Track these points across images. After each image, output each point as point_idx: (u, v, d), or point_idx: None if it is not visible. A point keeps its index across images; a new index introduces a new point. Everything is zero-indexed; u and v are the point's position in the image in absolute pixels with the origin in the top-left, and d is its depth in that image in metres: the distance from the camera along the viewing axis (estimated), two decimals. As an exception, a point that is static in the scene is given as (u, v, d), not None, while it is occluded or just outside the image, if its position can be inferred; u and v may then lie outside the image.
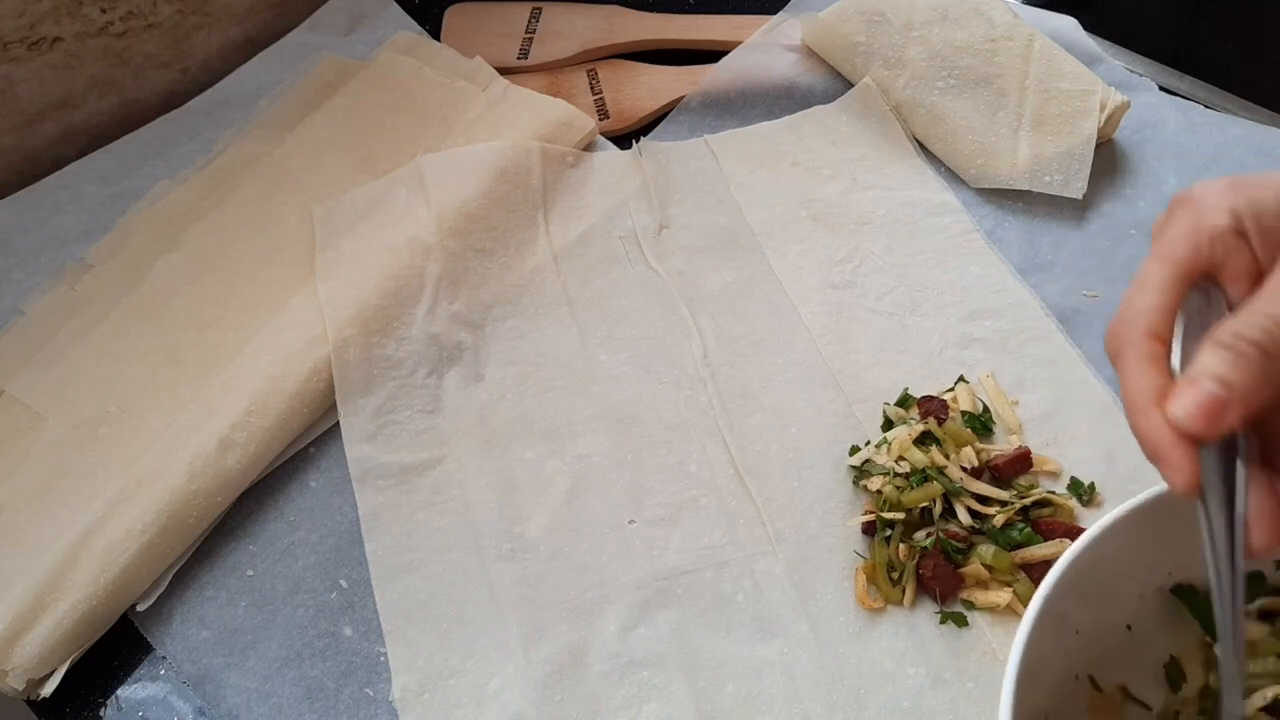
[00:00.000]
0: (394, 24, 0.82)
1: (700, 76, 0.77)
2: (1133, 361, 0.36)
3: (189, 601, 0.54)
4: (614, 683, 0.51)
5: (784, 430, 0.59)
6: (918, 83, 0.72)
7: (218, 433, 0.57)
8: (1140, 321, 0.36)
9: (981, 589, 0.52)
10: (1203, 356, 0.34)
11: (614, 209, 0.70)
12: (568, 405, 0.61)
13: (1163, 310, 0.36)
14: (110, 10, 0.72)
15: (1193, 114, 0.73)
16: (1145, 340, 0.36)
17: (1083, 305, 0.64)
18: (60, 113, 0.73)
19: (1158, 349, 0.36)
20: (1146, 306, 0.36)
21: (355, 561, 0.55)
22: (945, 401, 0.58)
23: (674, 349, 0.63)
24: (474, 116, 0.74)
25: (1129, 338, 0.36)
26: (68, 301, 0.66)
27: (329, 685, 0.51)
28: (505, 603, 0.53)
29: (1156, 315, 0.36)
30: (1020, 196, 0.69)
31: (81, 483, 0.57)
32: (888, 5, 0.75)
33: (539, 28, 0.82)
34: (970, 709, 0.49)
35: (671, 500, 0.57)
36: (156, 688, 0.52)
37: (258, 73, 0.79)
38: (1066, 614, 0.40)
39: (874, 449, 0.56)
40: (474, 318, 0.64)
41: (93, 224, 0.70)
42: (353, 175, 0.71)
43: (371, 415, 0.60)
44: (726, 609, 0.53)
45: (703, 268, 0.67)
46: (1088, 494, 0.55)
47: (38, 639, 0.51)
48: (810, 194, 0.70)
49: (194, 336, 0.63)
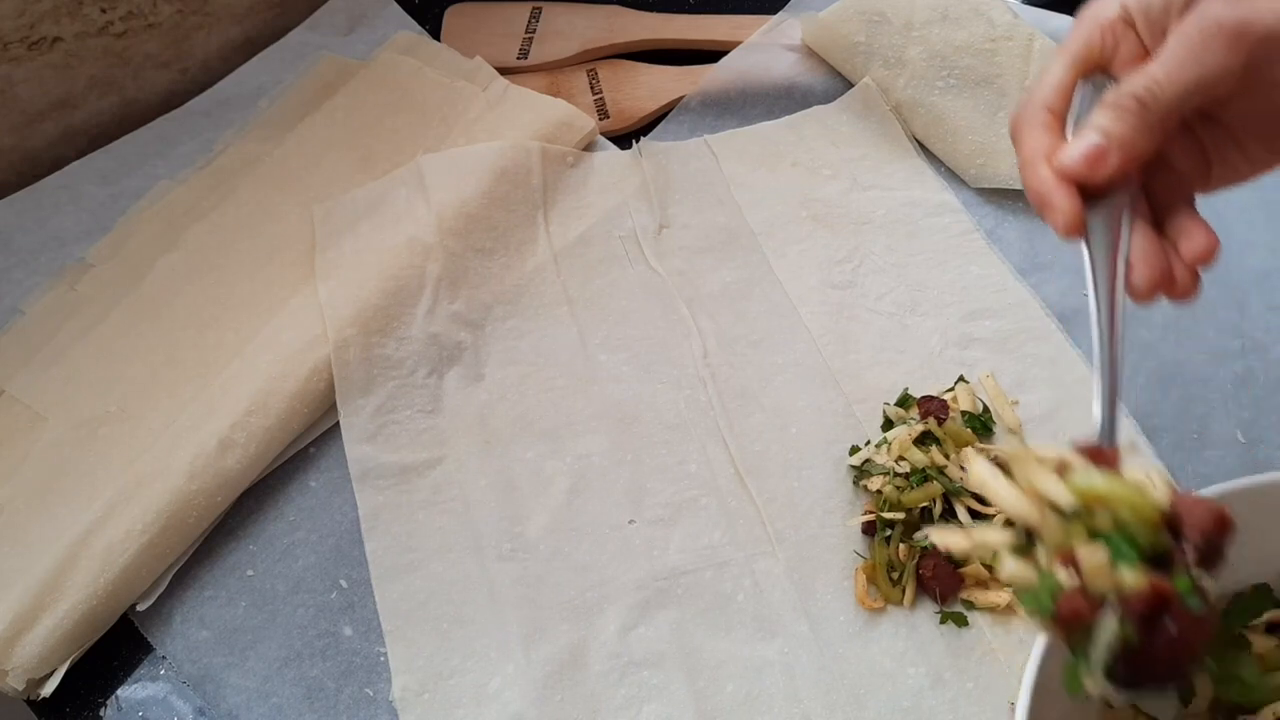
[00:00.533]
0: (394, 24, 0.82)
1: (700, 76, 0.77)
2: (1027, 130, 0.40)
3: (189, 601, 0.54)
4: (614, 683, 0.51)
5: (784, 430, 0.59)
6: (918, 83, 0.72)
7: (218, 433, 0.57)
8: (1037, 100, 0.40)
9: (981, 589, 0.52)
10: (1089, 116, 0.39)
11: (614, 209, 0.70)
12: (568, 405, 0.61)
13: (1057, 89, 0.41)
14: (110, 10, 0.72)
15: (1193, 114, 0.73)
16: (1041, 111, 0.40)
17: (1083, 305, 0.63)
18: (60, 113, 0.73)
19: (1050, 119, 0.40)
20: (1044, 86, 0.41)
21: (355, 561, 0.55)
22: (945, 401, 0.58)
23: (674, 349, 0.63)
24: (474, 116, 0.74)
25: (1026, 115, 0.40)
26: (68, 301, 0.66)
27: (329, 685, 0.51)
28: (505, 603, 0.53)
29: (1051, 92, 0.40)
30: (1020, 196, 0.69)
31: (81, 483, 0.57)
32: (888, 5, 0.75)
33: (539, 28, 0.82)
34: (970, 709, 0.49)
35: (671, 500, 0.57)
36: (156, 688, 0.52)
37: (258, 73, 0.79)
38: None
39: (874, 449, 0.56)
40: (474, 318, 0.64)
41: (93, 224, 0.70)
42: (353, 175, 0.71)
43: (371, 415, 0.60)
44: (726, 609, 0.53)
45: (703, 268, 0.67)
46: (1088, 494, 0.55)
47: (38, 639, 0.51)
48: (810, 194, 0.70)
49: (194, 336, 0.63)
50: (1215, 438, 0.58)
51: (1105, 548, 0.32)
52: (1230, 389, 0.60)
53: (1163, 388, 0.60)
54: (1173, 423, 0.58)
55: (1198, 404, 0.59)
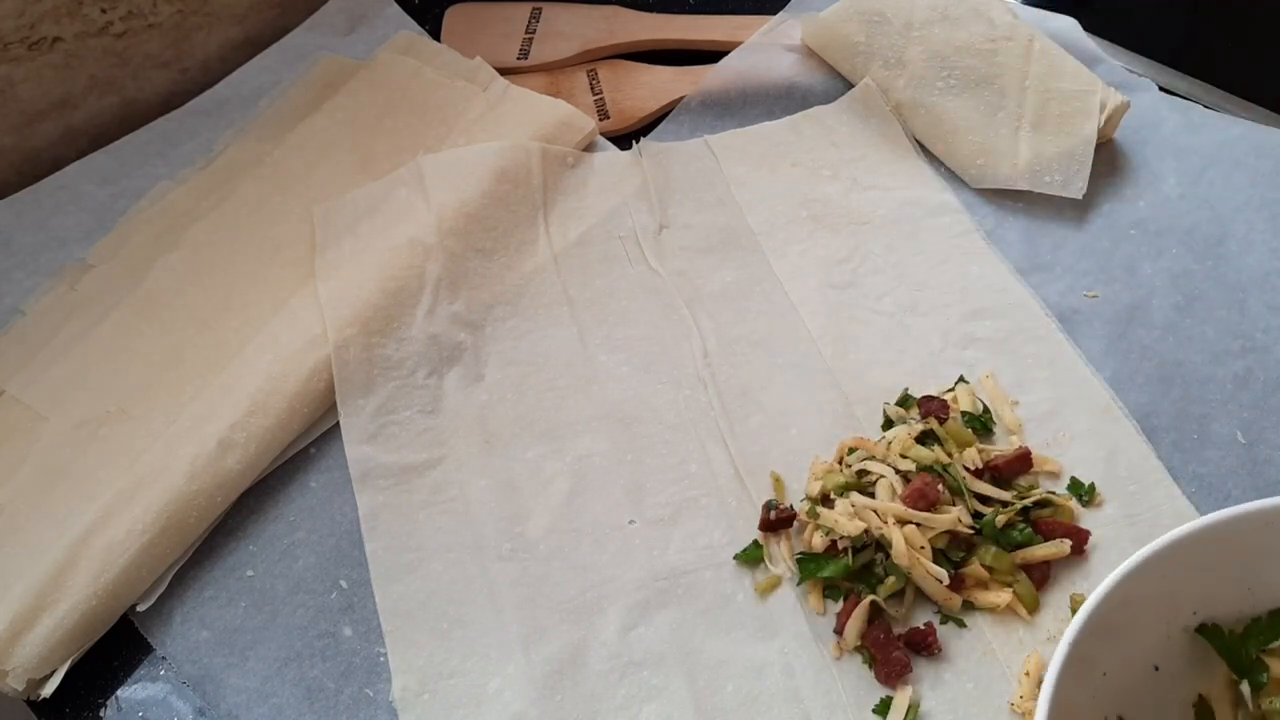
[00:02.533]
0: (394, 24, 0.82)
1: (700, 76, 0.77)
2: None
3: (189, 602, 0.54)
4: (614, 683, 0.51)
5: (784, 430, 0.59)
6: (918, 83, 0.72)
7: (218, 433, 0.57)
8: None
9: (981, 589, 0.52)
10: None
11: (614, 209, 0.70)
12: (568, 405, 0.61)
13: None
14: (110, 10, 0.72)
15: (1192, 114, 0.73)
16: None
17: (1083, 305, 0.64)
18: (60, 113, 0.73)
19: None
20: None
21: (355, 561, 0.55)
22: (945, 401, 0.58)
23: (674, 349, 0.63)
24: (474, 116, 0.74)
25: None
26: (68, 301, 0.66)
27: (329, 686, 0.51)
28: (505, 603, 0.53)
29: None
30: (1020, 196, 0.69)
31: (81, 483, 0.57)
32: (888, 5, 0.75)
33: (539, 28, 0.82)
34: (970, 709, 0.49)
35: (671, 500, 0.57)
36: (156, 688, 0.52)
37: (258, 73, 0.79)
38: (1093, 657, 0.40)
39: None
40: (474, 318, 0.64)
41: (93, 224, 0.70)
42: (353, 175, 0.71)
43: (371, 415, 0.60)
44: (726, 609, 0.53)
45: (703, 268, 0.67)
46: (1088, 494, 0.55)
47: (38, 639, 0.51)
48: (810, 194, 0.70)
49: (194, 336, 0.63)
50: (1215, 438, 0.58)
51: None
52: (1230, 389, 0.60)
53: (1163, 388, 0.60)
54: (1173, 423, 0.58)
55: (1198, 404, 0.59)
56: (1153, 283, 0.65)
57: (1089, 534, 0.53)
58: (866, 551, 0.52)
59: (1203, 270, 0.65)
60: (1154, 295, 0.64)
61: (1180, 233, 0.67)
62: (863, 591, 0.51)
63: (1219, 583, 0.44)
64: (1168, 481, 0.56)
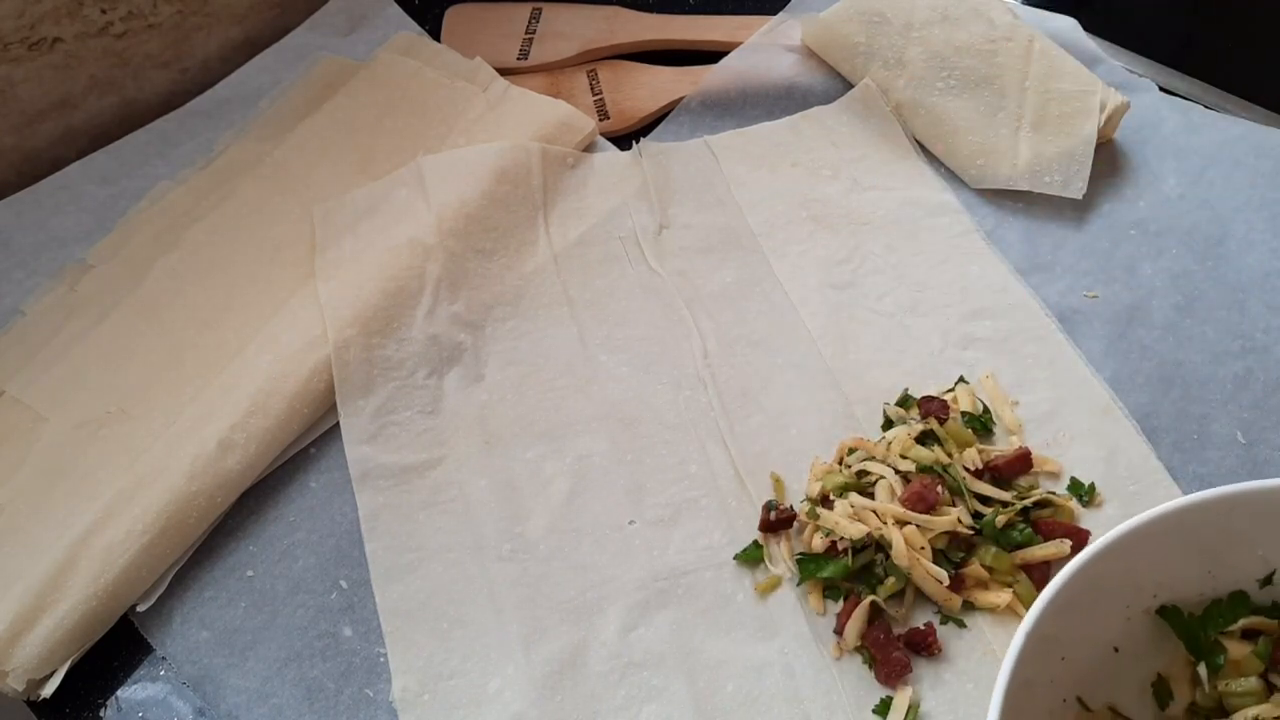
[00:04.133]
0: (394, 24, 0.82)
1: (700, 76, 0.77)
2: None
3: (189, 602, 0.54)
4: (614, 683, 0.51)
5: (784, 430, 0.59)
6: (918, 83, 0.72)
7: (218, 433, 0.57)
8: None
9: (982, 589, 0.52)
10: None
11: (614, 210, 0.70)
12: (568, 405, 0.61)
13: None
14: (110, 10, 0.72)
15: (1192, 114, 0.73)
16: None
17: (1083, 305, 0.64)
18: (60, 113, 0.73)
19: None
20: None
21: (355, 562, 0.55)
22: (945, 402, 0.58)
23: (674, 349, 0.63)
24: (474, 117, 0.74)
25: None
26: (68, 302, 0.66)
27: (329, 686, 0.51)
28: (505, 603, 0.53)
29: None
30: (1020, 196, 0.69)
31: (81, 483, 0.57)
32: (888, 6, 0.75)
33: (539, 28, 0.82)
34: (970, 709, 0.49)
35: (671, 500, 0.57)
36: (156, 688, 0.52)
37: (258, 73, 0.79)
38: (1054, 637, 0.41)
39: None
40: (474, 318, 0.64)
41: (93, 224, 0.70)
42: (353, 176, 0.71)
43: (371, 416, 0.60)
44: (726, 609, 0.53)
45: (703, 268, 0.67)
46: (1088, 494, 0.55)
47: (38, 639, 0.51)
48: (810, 194, 0.70)
49: (194, 336, 0.63)
50: (1215, 438, 0.58)
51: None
52: (1230, 389, 0.60)
53: (1163, 388, 0.60)
54: (1173, 423, 0.58)
55: (1198, 404, 0.59)
56: (1153, 283, 0.65)
57: (1089, 534, 0.53)
58: (866, 552, 0.52)
59: (1203, 270, 0.65)
60: (1154, 295, 0.64)
61: (1180, 233, 0.67)
62: (863, 592, 0.51)
63: (1181, 566, 0.44)
64: (1168, 482, 0.56)
